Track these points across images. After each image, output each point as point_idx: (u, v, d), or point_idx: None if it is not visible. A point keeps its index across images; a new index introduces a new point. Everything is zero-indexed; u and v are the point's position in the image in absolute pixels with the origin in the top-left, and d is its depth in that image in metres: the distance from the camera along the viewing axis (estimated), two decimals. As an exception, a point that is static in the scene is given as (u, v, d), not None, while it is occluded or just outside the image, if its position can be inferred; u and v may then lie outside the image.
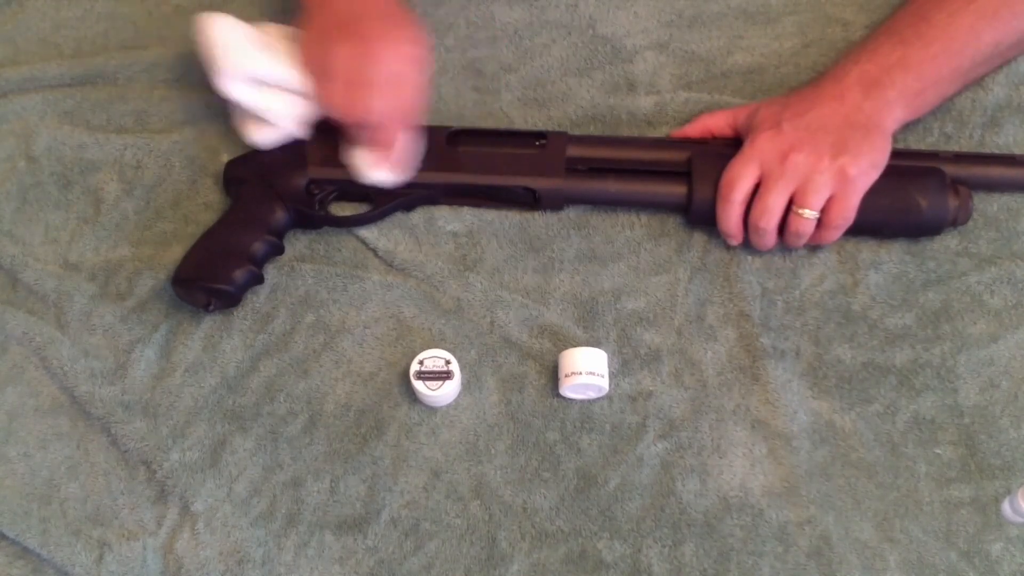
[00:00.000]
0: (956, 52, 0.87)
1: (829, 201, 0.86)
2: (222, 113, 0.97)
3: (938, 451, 0.86)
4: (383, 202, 0.92)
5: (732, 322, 0.90)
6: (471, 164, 0.92)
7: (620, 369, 0.89)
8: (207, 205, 0.95)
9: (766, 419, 0.87)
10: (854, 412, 0.88)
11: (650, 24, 1.01)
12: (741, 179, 0.87)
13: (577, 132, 0.96)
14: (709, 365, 0.89)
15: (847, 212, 0.86)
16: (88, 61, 1.01)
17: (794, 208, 0.86)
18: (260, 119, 0.90)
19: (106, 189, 0.96)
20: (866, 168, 0.85)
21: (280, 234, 0.91)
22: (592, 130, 0.97)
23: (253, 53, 0.87)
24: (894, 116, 0.87)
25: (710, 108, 0.96)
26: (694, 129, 0.94)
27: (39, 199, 0.96)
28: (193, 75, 0.99)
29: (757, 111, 0.90)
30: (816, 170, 0.85)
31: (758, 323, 0.90)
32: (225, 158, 0.96)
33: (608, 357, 0.88)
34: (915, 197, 0.88)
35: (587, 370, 0.86)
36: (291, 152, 0.92)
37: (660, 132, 0.97)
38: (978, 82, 0.94)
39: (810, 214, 0.86)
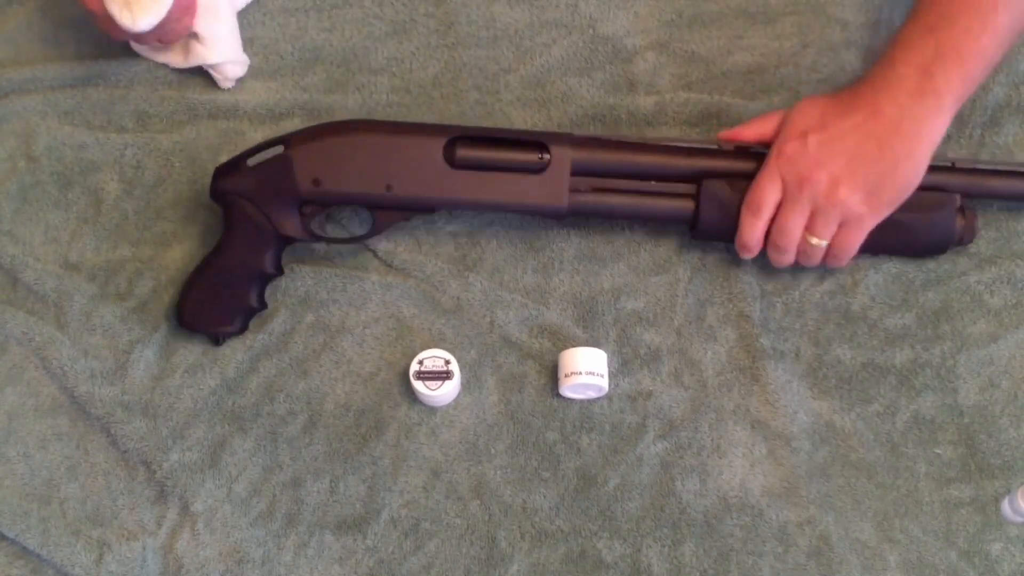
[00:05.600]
0: (986, 13, 0.82)
1: (837, 230, 0.85)
2: (222, 113, 0.97)
3: (938, 451, 0.86)
4: (379, 219, 0.90)
5: (732, 322, 0.90)
6: (472, 187, 0.88)
7: (620, 369, 0.89)
8: (207, 205, 0.95)
9: (766, 419, 0.87)
10: (854, 412, 0.88)
11: (650, 24, 1.01)
12: (768, 195, 0.84)
13: (578, 132, 0.96)
14: (709, 365, 0.89)
15: (850, 246, 0.85)
16: (89, 61, 1.00)
17: (805, 233, 0.85)
18: None
19: (106, 189, 0.96)
20: (881, 207, 0.83)
21: (278, 264, 0.90)
22: (592, 130, 0.97)
23: None
24: (944, 119, 0.83)
25: (710, 108, 0.96)
26: (750, 133, 0.89)
27: (39, 199, 0.96)
28: (194, 76, 0.99)
29: (792, 113, 0.86)
30: (830, 202, 0.82)
31: (758, 323, 0.90)
32: (224, 159, 0.96)
33: (608, 357, 0.88)
34: (922, 221, 0.86)
35: (587, 370, 0.86)
36: (279, 171, 0.87)
37: (660, 132, 0.96)
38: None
39: (817, 242, 0.85)
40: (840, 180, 0.82)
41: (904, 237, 0.87)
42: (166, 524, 0.85)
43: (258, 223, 0.88)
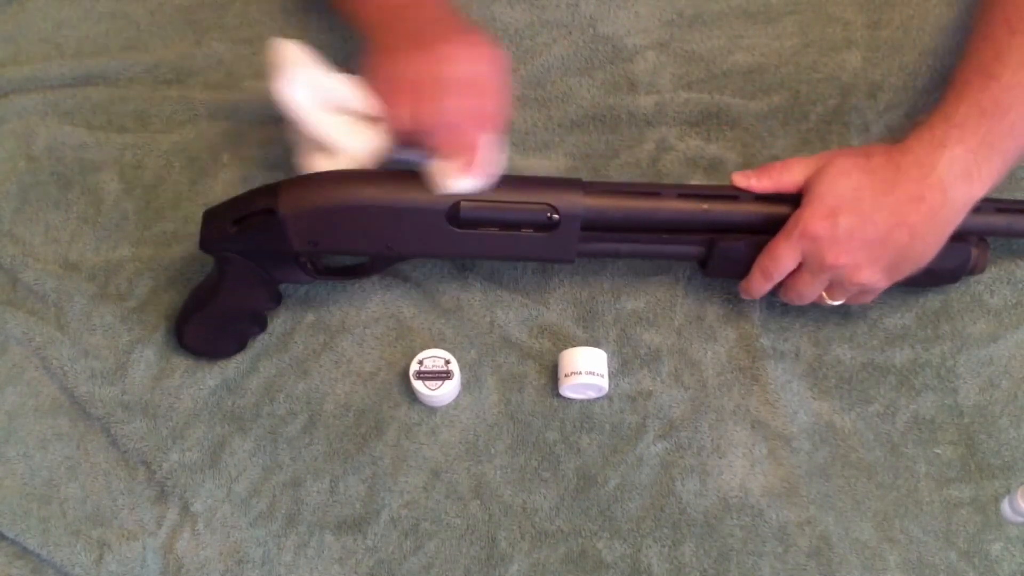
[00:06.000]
0: None
1: (854, 295, 0.84)
2: (223, 113, 0.97)
3: (938, 451, 0.86)
4: (381, 265, 0.88)
5: (732, 322, 0.90)
6: (476, 245, 0.84)
7: (620, 369, 0.89)
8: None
9: (766, 419, 0.87)
10: (854, 412, 0.88)
11: (651, 24, 1.01)
12: (785, 266, 0.82)
13: (578, 132, 0.96)
14: (709, 365, 0.89)
15: (863, 303, 0.86)
16: (89, 61, 1.00)
17: (822, 294, 0.84)
18: (323, 148, 0.82)
19: (106, 189, 0.96)
20: (900, 277, 0.82)
21: (276, 296, 0.89)
22: (592, 130, 0.97)
23: (317, 66, 0.81)
24: (968, 210, 0.80)
25: (710, 108, 0.96)
26: (767, 183, 0.83)
27: (39, 199, 0.96)
28: (194, 75, 0.99)
29: (823, 177, 0.80)
30: (853, 276, 0.80)
31: (758, 324, 0.90)
32: (226, 159, 0.96)
33: (608, 357, 0.88)
34: (938, 271, 0.85)
35: (587, 370, 0.86)
36: (271, 233, 0.82)
37: (660, 132, 0.96)
38: None
39: (834, 304, 0.85)
40: (863, 265, 0.80)
41: (919, 276, 0.84)
42: (166, 524, 0.85)
43: (255, 275, 0.85)
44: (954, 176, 0.78)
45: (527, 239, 0.83)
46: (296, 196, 0.81)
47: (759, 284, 0.85)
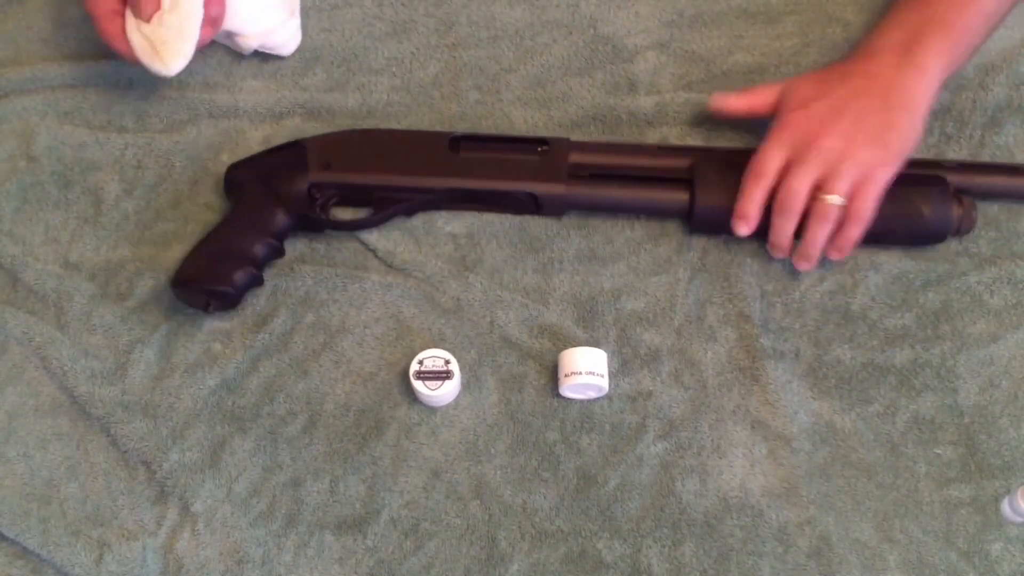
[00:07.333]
0: None
1: (854, 190, 0.85)
2: (223, 113, 0.98)
3: (938, 451, 0.86)
4: (385, 207, 0.92)
5: (732, 323, 0.90)
6: (473, 169, 0.92)
7: (620, 369, 0.89)
8: (207, 205, 0.95)
9: (766, 420, 0.87)
10: (854, 412, 0.88)
11: (651, 24, 1.01)
12: (772, 161, 0.86)
13: (578, 133, 0.96)
14: (709, 365, 0.89)
15: (868, 203, 0.85)
16: (89, 61, 1.01)
17: (819, 195, 0.85)
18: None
19: (106, 189, 0.96)
20: (891, 158, 0.85)
21: (281, 237, 0.91)
22: (593, 130, 0.97)
23: None
24: (931, 84, 0.87)
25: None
26: (743, 103, 0.93)
27: (39, 199, 0.96)
28: (194, 75, 0.99)
29: (790, 87, 0.90)
30: (843, 157, 0.84)
31: (758, 324, 0.90)
32: (225, 158, 0.96)
33: (608, 357, 0.88)
34: (917, 204, 0.88)
35: (587, 370, 0.86)
36: (292, 156, 0.92)
37: (660, 132, 0.97)
38: (982, 84, 0.95)
39: (835, 200, 0.85)
40: (852, 136, 0.84)
41: (900, 215, 0.88)
42: (166, 524, 0.85)
43: (267, 197, 0.91)
44: (893, 54, 0.87)
45: (521, 163, 0.92)
46: (321, 137, 0.94)
47: (750, 190, 0.87)
